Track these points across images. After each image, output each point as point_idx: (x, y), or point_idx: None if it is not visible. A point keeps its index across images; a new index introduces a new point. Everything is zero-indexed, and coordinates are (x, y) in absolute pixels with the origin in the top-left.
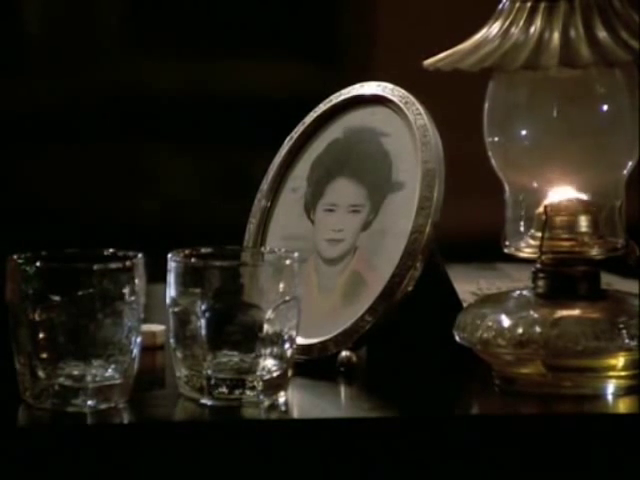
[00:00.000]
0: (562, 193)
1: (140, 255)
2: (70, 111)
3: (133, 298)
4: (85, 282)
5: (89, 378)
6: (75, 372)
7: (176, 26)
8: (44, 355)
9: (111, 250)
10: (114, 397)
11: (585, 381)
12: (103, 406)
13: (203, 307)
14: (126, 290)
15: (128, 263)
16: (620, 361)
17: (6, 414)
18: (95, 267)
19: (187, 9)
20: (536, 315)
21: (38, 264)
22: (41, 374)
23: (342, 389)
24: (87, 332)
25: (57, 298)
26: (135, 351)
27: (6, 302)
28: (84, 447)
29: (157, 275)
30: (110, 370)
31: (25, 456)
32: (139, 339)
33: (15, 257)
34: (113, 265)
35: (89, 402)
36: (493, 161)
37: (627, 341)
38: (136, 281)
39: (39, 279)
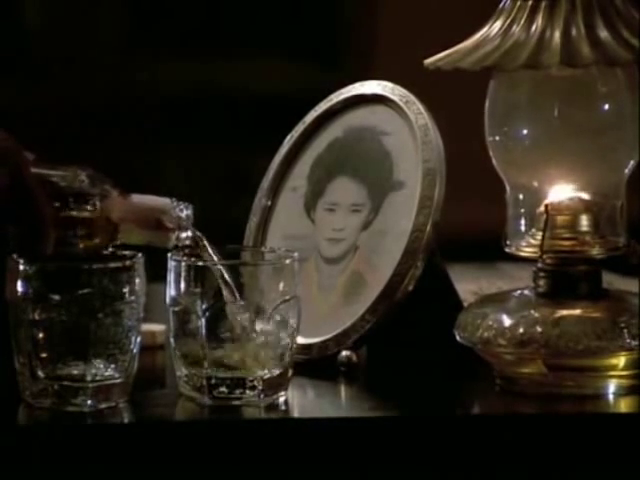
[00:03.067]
0: (563, 192)
1: (140, 254)
2: (70, 111)
3: (133, 297)
4: (85, 281)
5: (89, 377)
6: (75, 371)
7: (176, 26)
8: (44, 354)
9: (111, 249)
10: (114, 396)
11: (586, 381)
12: (103, 405)
13: (203, 306)
14: (126, 289)
15: (128, 262)
16: (621, 361)
17: (6, 413)
18: (95, 266)
19: (187, 9)
20: (537, 314)
21: (38, 263)
22: (41, 373)
23: (342, 389)
24: (87, 331)
25: (57, 297)
26: (135, 350)
27: (6, 301)
28: (84, 446)
29: (157, 275)
30: (110, 369)
31: (25, 455)
32: (139, 338)
33: (15, 256)
34: (113, 264)
35: (89, 401)
36: (494, 160)
37: (628, 340)
38: (136, 280)
39: (39, 278)
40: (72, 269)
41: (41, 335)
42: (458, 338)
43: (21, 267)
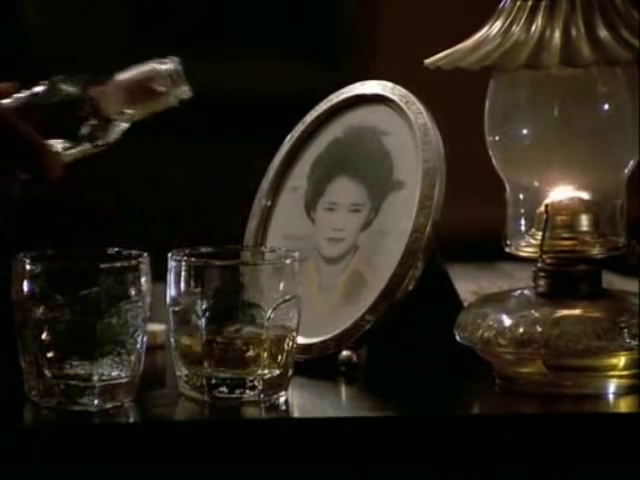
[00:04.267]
0: (563, 192)
1: (146, 254)
2: None
3: (139, 297)
4: (91, 281)
5: (96, 377)
6: (81, 371)
7: (176, 26)
8: (50, 354)
9: (116, 249)
10: (120, 396)
11: (586, 381)
12: (109, 405)
13: (203, 306)
14: (132, 289)
15: (134, 262)
16: (621, 360)
17: (12, 413)
18: (102, 266)
19: (187, 9)
20: (537, 314)
21: (44, 263)
22: (47, 373)
23: (342, 389)
24: (93, 331)
25: (63, 297)
26: (141, 350)
27: (12, 301)
28: (90, 446)
29: (158, 275)
30: (116, 369)
31: (31, 455)
32: (145, 338)
33: (21, 256)
34: (119, 264)
35: (95, 401)
36: (494, 160)
37: (628, 340)
38: (142, 280)
39: (45, 278)
40: (78, 269)
41: (47, 335)
42: (458, 338)
43: (27, 267)
